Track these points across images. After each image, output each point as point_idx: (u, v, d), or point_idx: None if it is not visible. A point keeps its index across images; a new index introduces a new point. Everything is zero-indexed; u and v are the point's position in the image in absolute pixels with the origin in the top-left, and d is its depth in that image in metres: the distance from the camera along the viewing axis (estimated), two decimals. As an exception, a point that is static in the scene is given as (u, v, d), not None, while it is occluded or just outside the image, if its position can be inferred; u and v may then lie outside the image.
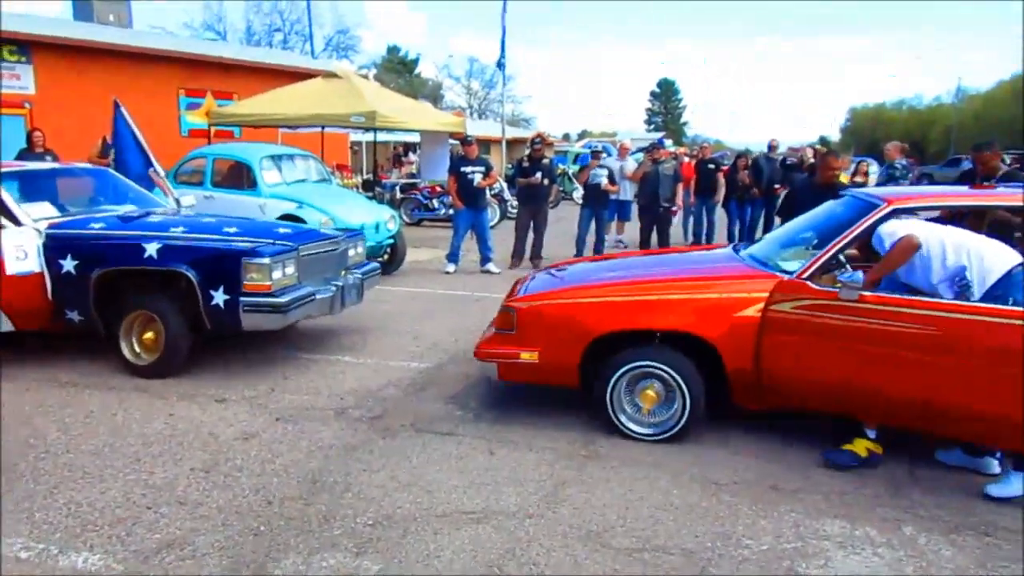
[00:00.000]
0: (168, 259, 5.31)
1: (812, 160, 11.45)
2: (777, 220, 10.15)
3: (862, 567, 3.18)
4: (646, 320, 4.41)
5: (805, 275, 4.15)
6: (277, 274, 5.32)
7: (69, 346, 5.95)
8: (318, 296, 5.66)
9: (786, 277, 4.22)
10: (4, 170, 5.86)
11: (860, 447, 4.15)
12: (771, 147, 13.29)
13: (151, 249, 5.32)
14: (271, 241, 5.55)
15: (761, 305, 4.19)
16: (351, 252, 6.41)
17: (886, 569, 3.18)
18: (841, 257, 4.19)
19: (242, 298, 5.22)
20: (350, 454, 4.20)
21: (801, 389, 4.21)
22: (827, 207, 5.01)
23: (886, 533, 3.46)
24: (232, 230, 5.69)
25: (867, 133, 63.27)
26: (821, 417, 4.55)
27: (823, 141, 53.80)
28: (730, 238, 12.33)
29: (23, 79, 14.38)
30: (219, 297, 5.24)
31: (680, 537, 3.39)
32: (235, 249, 5.33)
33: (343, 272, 6.20)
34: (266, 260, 5.24)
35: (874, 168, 14.71)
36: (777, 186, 12.19)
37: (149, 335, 5.44)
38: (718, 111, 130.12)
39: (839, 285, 3.98)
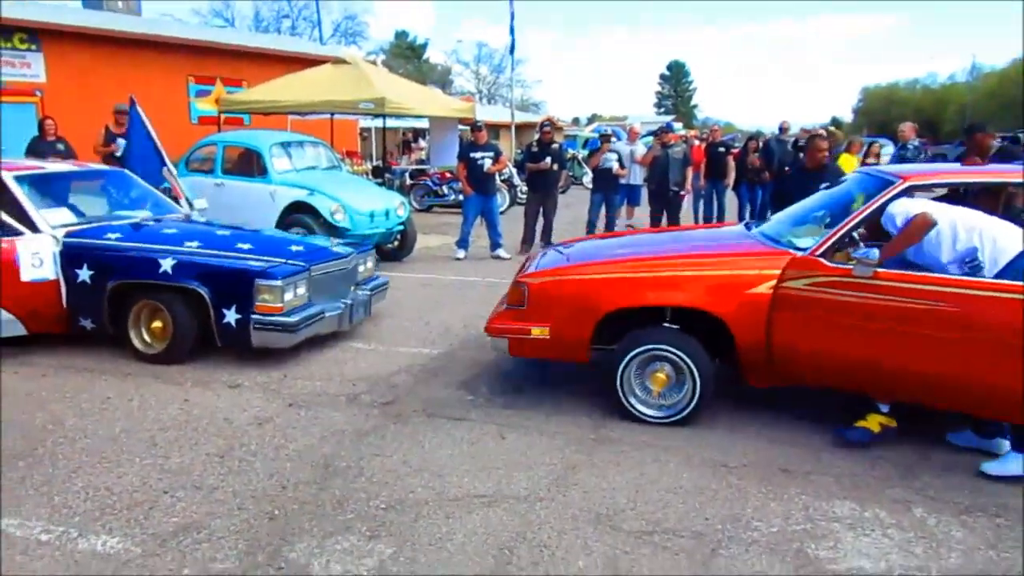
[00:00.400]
0: (182, 275, 5.36)
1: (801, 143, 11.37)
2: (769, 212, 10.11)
3: (872, 548, 3.20)
4: (657, 296, 4.42)
5: (818, 252, 4.14)
6: (288, 295, 5.37)
7: (85, 334, 6.01)
8: (327, 314, 5.72)
9: (799, 254, 4.22)
10: (24, 173, 5.89)
11: (873, 422, 4.16)
12: (782, 129, 13.19)
13: (166, 265, 5.38)
14: (284, 260, 5.59)
15: (773, 282, 4.19)
16: (360, 268, 6.46)
17: (896, 551, 3.19)
18: (855, 234, 4.18)
19: (253, 316, 5.28)
20: (362, 439, 4.24)
21: (813, 366, 4.21)
22: (841, 185, 5.00)
23: (896, 515, 3.48)
24: (246, 247, 5.72)
25: (880, 113, 62.73)
26: (831, 400, 4.57)
27: (835, 122, 53.40)
28: (741, 221, 12.29)
29: (34, 67, 14.41)
30: (231, 316, 5.31)
31: (690, 520, 3.41)
32: (248, 268, 5.38)
33: (352, 288, 6.25)
34: (278, 282, 5.28)
35: (887, 149, 14.60)
36: (788, 168, 12.12)
37: (157, 324, 5.50)
38: (729, 93, 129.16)
39: (853, 262, 3.97)
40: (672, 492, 3.67)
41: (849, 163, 9.60)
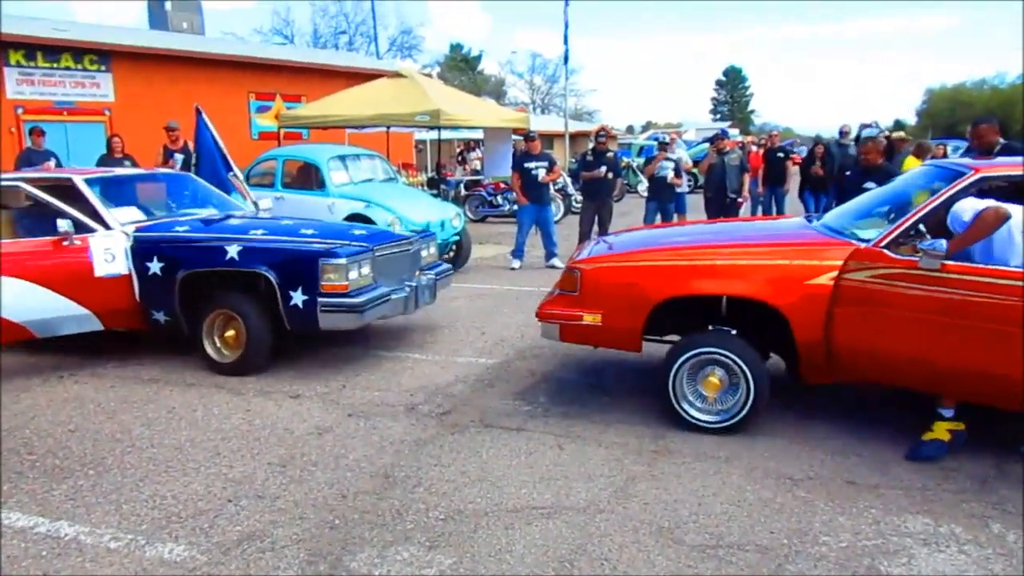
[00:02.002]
0: (249, 260, 5.46)
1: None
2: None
3: (947, 565, 3.07)
4: (712, 286, 4.33)
5: (883, 243, 4.00)
6: (353, 274, 5.42)
7: (150, 345, 6.19)
8: (393, 296, 5.75)
9: (862, 245, 4.08)
10: (93, 176, 6.13)
11: (941, 431, 4.00)
12: (843, 133, 12.90)
13: (232, 251, 5.48)
14: (347, 242, 5.66)
15: (835, 274, 4.06)
16: (424, 253, 6.50)
17: (973, 567, 3.06)
18: (921, 227, 4.03)
19: (320, 298, 5.34)
20: (420, 449, 4.25)
21: (874, 362, 4.07)
22: (906, 178, 4.84)
23: (972, 530, 3.33)
24: (309, 232, 5.82)
25: (945, 115, 60.86)
26: (895, 407, 4.42)
27: (898, 125, 52.03)
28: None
29: (103, 87, 14.99)
30: (298, 297, 5.37)
31: (754, 533, 3.32)
32: (312, 250, 5.45)
33: (417, 272, 6.29)
34: (342, 260, 5.34)
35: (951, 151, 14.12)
36: (849, 172, 11.81)
37: (230, 333, 5.61)
38: (788, 98, 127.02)
39: (920, 253, 3.81)
40: (735, 505, 3.58)
41: (915, 167, 9.32)
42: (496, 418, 4.71)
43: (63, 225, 5.40)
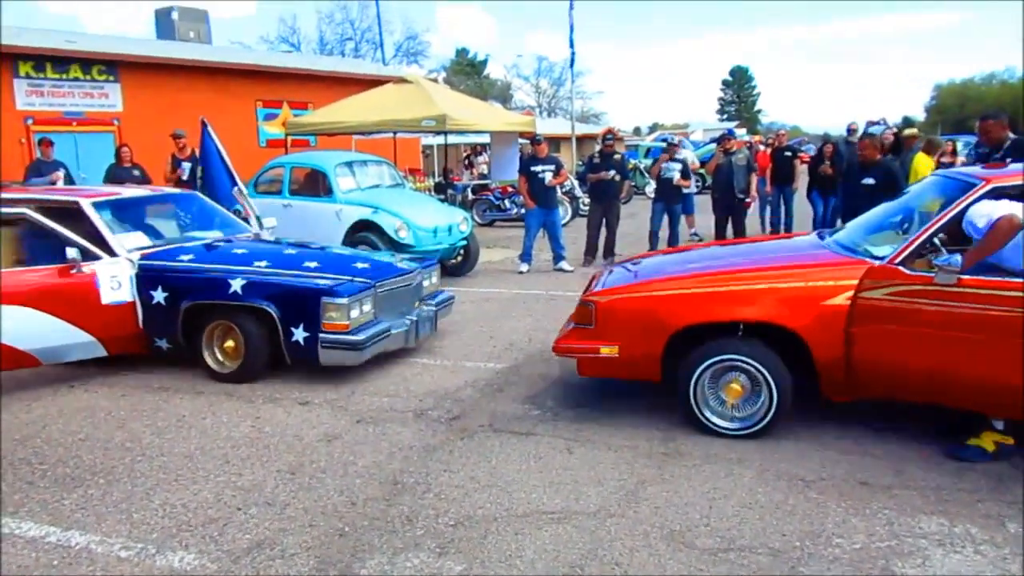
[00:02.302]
0: (252, 295, 5.48)
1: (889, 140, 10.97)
2: (839, 219, 9.79)
3: (964, 566, 3.04)
4: (729, 311, 4.31)
5: (897, 260, 3.98)
6: (355, 312, 5.43)
7: (161, 354, 6.19)
8: (393, 331, 5.76)
9: (876, 263, 4.06)
10: (101, 199, 6.10)
11: (987, 441, 3.96)
12: (850, 130, 12.81)
13: (236, 285, 5.50)
14: (349, 278, 5.66)
15: (850, 293, 4.04)
16: (425, 283, 6.50)
17: (990, 568, 3.02)
18: (936, 240, 4.00)
19: (321, 335, 5.35)
20: (430, 455, 4.24)
21: (894, 380, 4.05)
22: (916, 190, 4.81)
23: (989, 530, 3.30)
24: (312, 264, 5.82)
25: (954, 111, 60.52)
26: (910, 409, 4.38)
27: (907, 121, 51.75)
28: (814, 228, 11.95)
29: (111, 97, 15.06)
30: (299, 334, 5.40)
31: (767, 536, 3.30)
32: (315, 287, 5.45)
33: (417, 304, 6.29)
34: (344, 300, 5.35)
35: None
36: (854, 172, 11.73)
37: (230, 343, 5.62)
38: (795, 96, 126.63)
39: (935, 269, 3.79)
40: (747, 507, 3.55)
41: (925, 163, 9.25)
42: (505, 423, 4.70)
43: (71, 253, 5.39)
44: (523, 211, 11.44)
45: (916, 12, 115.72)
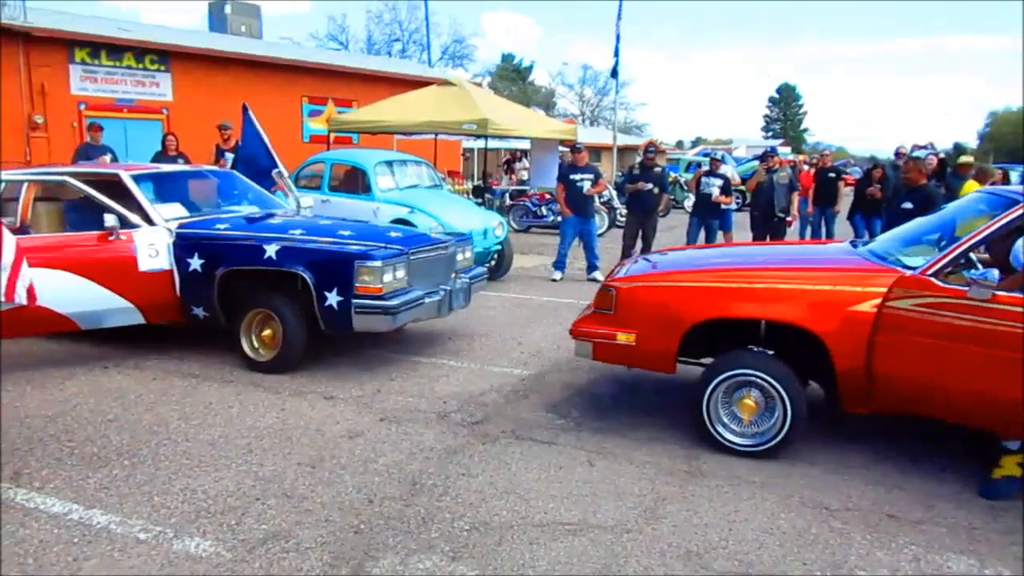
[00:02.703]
0: (286, 260, 5.52)
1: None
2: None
3: (989, 609, 2.95)
4: (750, 309, 4.24)
5: (930, 271, 3.88)
6: (388, 277, 5.44)
7: (192, 340, 6.29)
8: (427, 300, 5.77)
9: (908, 273, 3.96)
10: (139, 172, 6.27)
11: (1011, 466, 3.83)
12: (898, 154, 12.62)
13: (271, 250, 5.55)
14: (383, 245, 5.69)
15: (878, 301, 3.95)
16: (459, 256, 6.50)
17: (1016, 614, 2.93)
18: (972, 255, 3.89)
19: (354, 300, 5.37)
20: (450, 458, 4.23)
21: (918, 394, 3.95)
22: (956, 205, 4.71)
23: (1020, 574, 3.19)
24: (346, 233, 5.87)
25: (1009, 139, 59.22)
26: (942, 437, 4.27)
27: (957, 147, 50.77)
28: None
29: (162, 86, 15.35)
30: (332, 298, 5.41)
31: (786, 564, 3.23)
32: (348, 252, 5.49)
33: (452, 276, 6.29)
34: (377, 263, 5.37)
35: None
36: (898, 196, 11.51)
37: (267, 332, 5.68)
38: (843, 117, 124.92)
39: (969, 283, 3.67)
40: (768, 532, 3.48)
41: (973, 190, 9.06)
42: (528, 430, 4.67)
43: (109, 220, 5.52)
44: (559, 218, 11.42)
45: (975, 34, 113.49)
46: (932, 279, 3.85)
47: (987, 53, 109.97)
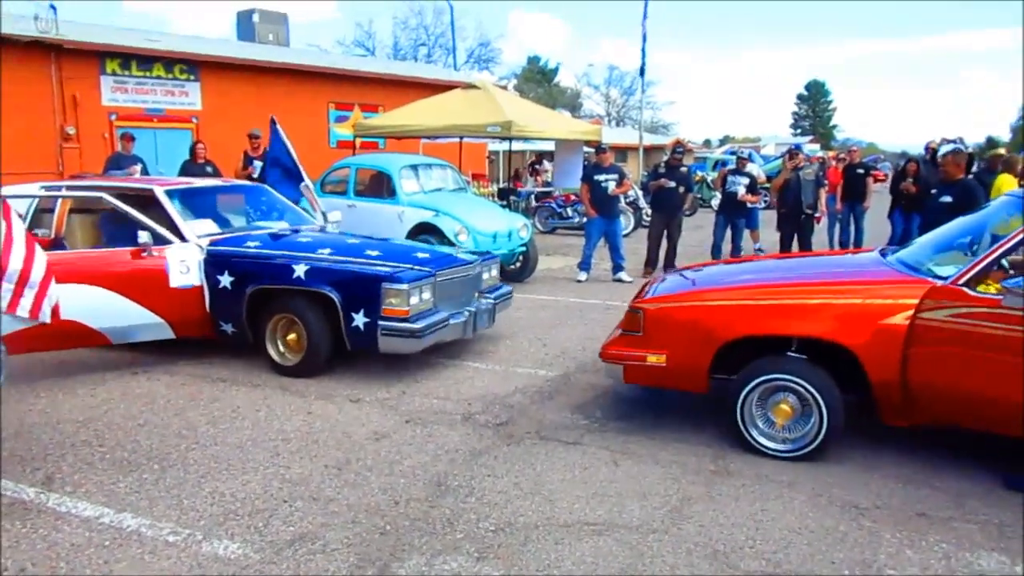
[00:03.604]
0: (315, 280, 5.58)
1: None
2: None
3: (1023, 609, 2.89)
4: (782, 325, 4.20)
5: (962, 281, 3.82)
6: (415, 299, 5.49)
7: (224, 347, 6.35)
8: (452, 321, 5.81)
9: (939, 283, 3.90)
10: (173, 187, 6.35)
11: None
12: (928, 149, 12.41)
13: (299, 270, 5.61)
14: (410, 266, 5.72)
15: (910, 312, 3.89)
16: (485, 275, 6.53)
17: (1052, 614, 2.87)
18: (1005, 262, 3.82)
19: (380, 321, 5.42)
20: (475, 459, 4.24)
21: (954, 405, 3.89)
22: (988, 209, 4.62)
23: (1053, 573, 3.13)
24: (374, 253, 5.90)
25: (1043, 132, 58.00)
26: (975, 436, 4.19)
27: (990, 141, 49.85)
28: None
29: (191, 96, 15.56)
30: (359, 319, 5.47)
31: (815, 563, 3.19)
32: (376, 274, 5.53)
33: (476, 295, 6.32)
34: (404, 286, 5.41)
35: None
36: (935, 191, 11.29)
37: (292, 336, 5.73)
38: (872, 113, 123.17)
39: (1003, 292, 3.61)
40: (796, 532, 3.45)
41: (1009, 184, 8.86)
42: (553, 431, 4.67)
43: (143, 237, 5.60)
44: (584, 219, 11.40)
45: (1005, 28, 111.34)
46: (964, 288, 3.79)
47: (1017, 47, 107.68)
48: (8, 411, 4.85)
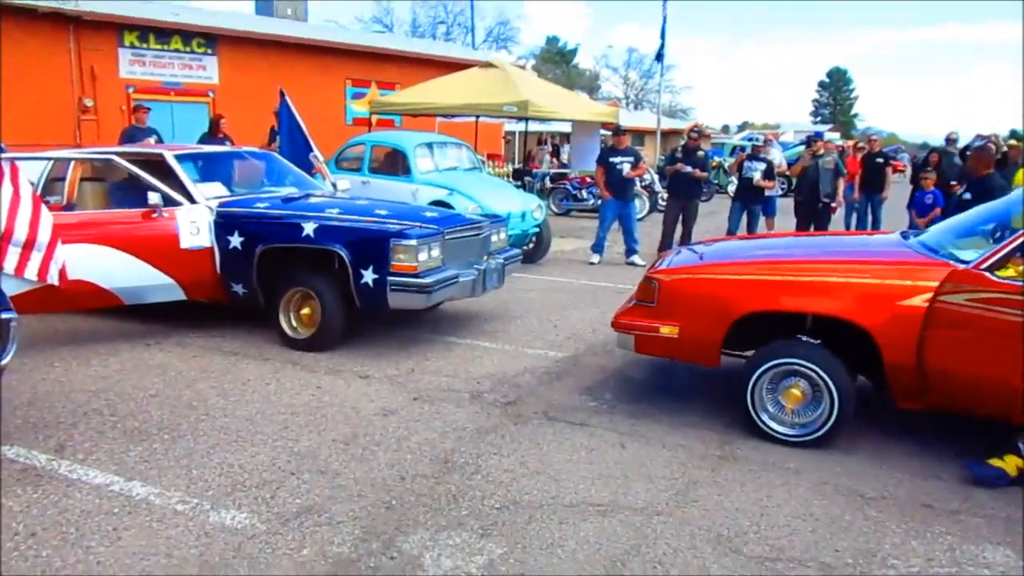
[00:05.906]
0: (324, 238, 5.59)
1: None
2: None
3: (1027, 602, 2.88)
4: (796, 302, 4.17)
5: (984, 265, 3.77)
6: (423, 256, 5.49)
7: (236, 320, 6.40)
8: (461, 279, 5.80)
9: (961, 267, 3.86)
10: (182, 152, 6.40)
11: (1011, 465, 3.75)
12: (949, 140, 12.25)
13: (309, 228, 5.62)
14: (418, 224, 5.73)
15: (929, 295, 3.85)
16: (494, 238, 6.51)
17: (1056, 607, 2.85)
18: None
19: (389, 278, 5.43)
20: (482, 437, 4.25)
21: (970, 390, 3.85)
22: (1013, 195, 4.57)
23: (1059, 567, 3.11)
24: (383, 212, 5.93)
25: (1067, 125, 57.22)
26: (984, 430, 4.16)
27: (1014, 135, 49.14)
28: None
29: (208, 70, 15.56)
30: (368, 276, 5.47)
31: (818, 550, 3.19)
32: (384, 231, 5.54)
33: (485, 256, 6.32)
34: (413, 242, 5.41)
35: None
36: (954, 183, 11.17)
37: (306, 311, 5.76)
38: (895, 102, 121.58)
39: None
40: (800, 519, 3.44)
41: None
42: (560, 412, 4.67)
43: (153, 198, 5.64)
44: (599, 202, 11.36)
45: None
46: (986, 273, 3.75)
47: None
48: (22, 380, 4.91)
